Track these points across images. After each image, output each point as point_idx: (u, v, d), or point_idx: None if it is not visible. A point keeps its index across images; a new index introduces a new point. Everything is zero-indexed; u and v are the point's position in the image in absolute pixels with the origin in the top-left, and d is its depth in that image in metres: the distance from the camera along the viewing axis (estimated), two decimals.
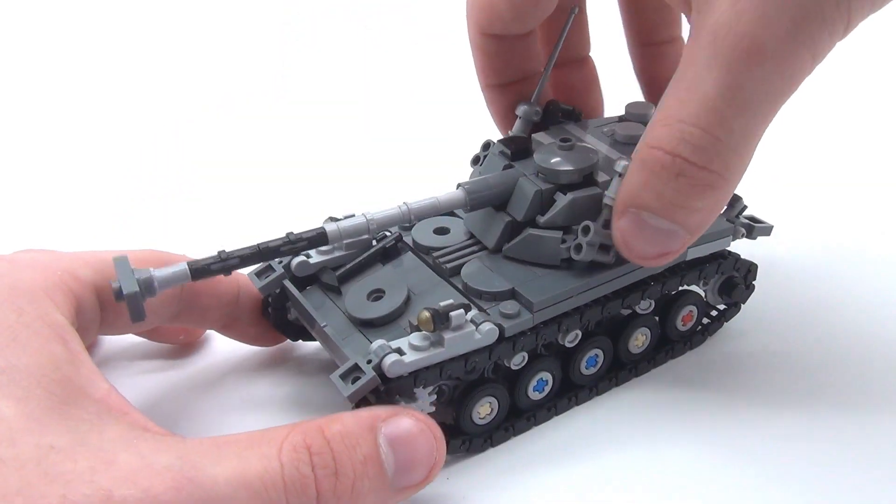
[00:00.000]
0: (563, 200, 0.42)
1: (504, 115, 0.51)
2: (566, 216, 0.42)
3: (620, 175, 0.40)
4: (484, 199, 0.43)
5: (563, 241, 0.42)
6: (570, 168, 0.42)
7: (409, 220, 0.42)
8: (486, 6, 0.46)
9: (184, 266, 0.37)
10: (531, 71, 0.50)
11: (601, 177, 0.43)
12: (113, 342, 0.50)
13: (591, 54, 0.53)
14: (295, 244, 0.39)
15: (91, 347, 0.49)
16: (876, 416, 0.44)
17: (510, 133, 0.50)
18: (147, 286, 0.36)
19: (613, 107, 0.53)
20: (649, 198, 0.36)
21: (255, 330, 0.48)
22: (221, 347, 0.50)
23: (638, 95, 0.53)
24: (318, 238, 0.40)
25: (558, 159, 0.43)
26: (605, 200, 0.41)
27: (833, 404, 0.45)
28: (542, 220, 0.43)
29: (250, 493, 0.32)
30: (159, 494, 0.30)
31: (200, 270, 0.38)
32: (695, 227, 0.38)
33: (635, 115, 0.49)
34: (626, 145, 0.46)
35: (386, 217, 0.41)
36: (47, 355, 0.34)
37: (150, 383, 0.48)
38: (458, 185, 0.44)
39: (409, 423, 0.36)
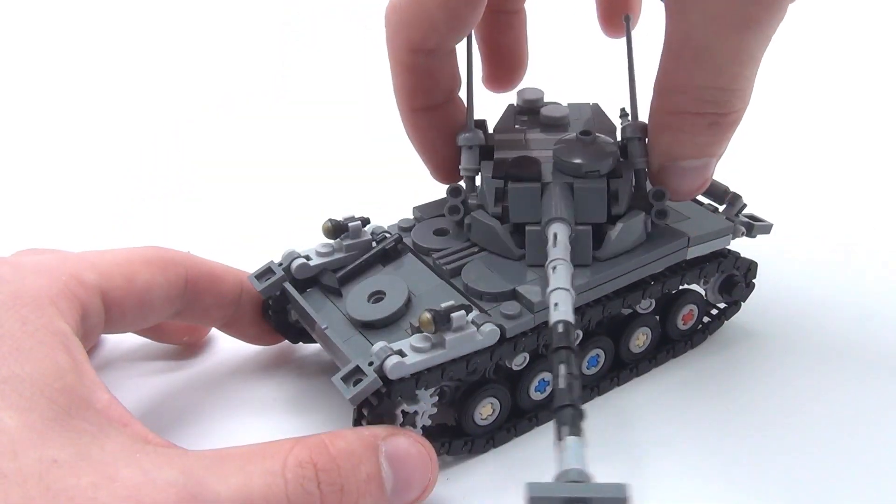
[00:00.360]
0: (624, 185, 0.43)
1: (431, 142, 0.47)
2: (630, 197, 0.43)
3: (640, 139, 0.44)
4: (574, 218, 0.42)
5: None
6: (610, 155, 0.43)
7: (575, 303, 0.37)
8: (419, 18, 0.43)
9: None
10: (455, 92, 0.47)
11: None
12: (115, 343, 0.50)
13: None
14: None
15: (93, 348, 0.49)
16: (878, 413, 0.44)
17: (461, 166, 0.46)
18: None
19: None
20: (686, 149, 0.41)
21: (255, 330, 0.48)
22: (223, 349, 0.50)
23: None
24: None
25: (591, 153, 0.43)
26: (638, 166, 0.44)
27: (834, 401, 0.45)
28: (620, 209, 0.43)
29: None
30: None
31: None
32: (722, 151, 0.42)
33: (530, 101, 0.50)
34: (557, 127, 0.47)
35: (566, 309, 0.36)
36: (51, 365, 0.34)
37: (152, 384, 0.48)
38: (550, 222, 0.40)
39: (407, 443, 0.36)
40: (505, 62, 0.53)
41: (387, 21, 0.44)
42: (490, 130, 0.49)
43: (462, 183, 0.47)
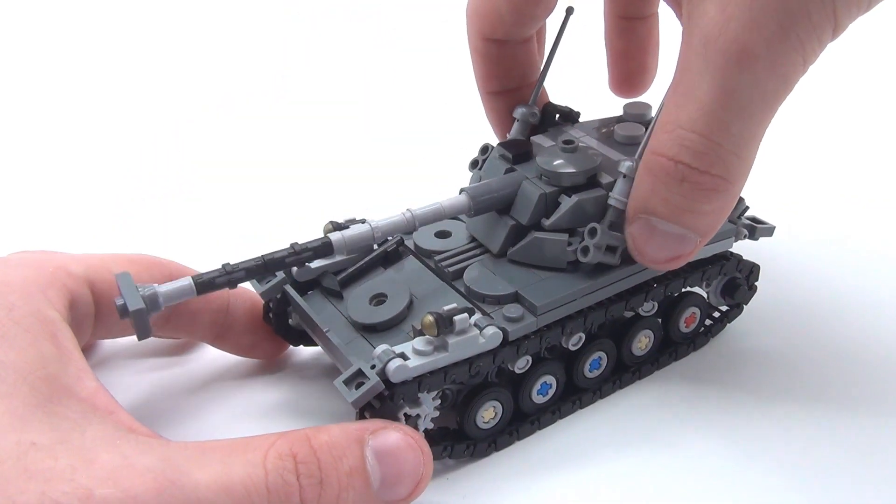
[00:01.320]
0: (567, 203, 0.42)
1: (502, 122, 0.51)
2: (571, 219, 0.42)
3: (625, 176, 0.40)
4: (487, 203, 0.43)
5: (569, 244, 0.42)
6: (575, 170, 0.42)
7: (413, 227, 0.41)
8: (487, 11, 0.46)
9: (188, 280, 0.37)
10: (531, 78, 0.49)
11: (604, 178, 0.43)
12: (114, 342, 0.50)
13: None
14: (300, 255, 0.39)
15: (89, 346, 0.49)
16: (878, 416, 0.44)
17: (508, 136, 0.49)
18: (152, 302, 0.36)
19: (611, 106, 0.53)
20: (657, 204, 0.37)
21: (249, 339, 0.47)
22: (222, 353, 0.50)
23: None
24: (323, 248, 0.39)
25: (562, 161, 0.43)
26: (611, 202, 0.41)
27: (835, 404, 0.45)
28: (547, 223, 0.42)
29: (233, 499, 0.32)
30: (140, 495, 0.30)
31: (205, 284, 0.37)
32: (705, 229, 0.38)
33: (633, 116, 0.49)
34: (626, 146, 0.46)
35: (390, 225, 0.41)
36: (35, 352, 0.34)
37: (147, 383, 0.48)
38: (461, 190, 0.43)
39: (397, 437, 0.36)
40: (627, 68, 0.53)
41: (466, 10, 0.47)
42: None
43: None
